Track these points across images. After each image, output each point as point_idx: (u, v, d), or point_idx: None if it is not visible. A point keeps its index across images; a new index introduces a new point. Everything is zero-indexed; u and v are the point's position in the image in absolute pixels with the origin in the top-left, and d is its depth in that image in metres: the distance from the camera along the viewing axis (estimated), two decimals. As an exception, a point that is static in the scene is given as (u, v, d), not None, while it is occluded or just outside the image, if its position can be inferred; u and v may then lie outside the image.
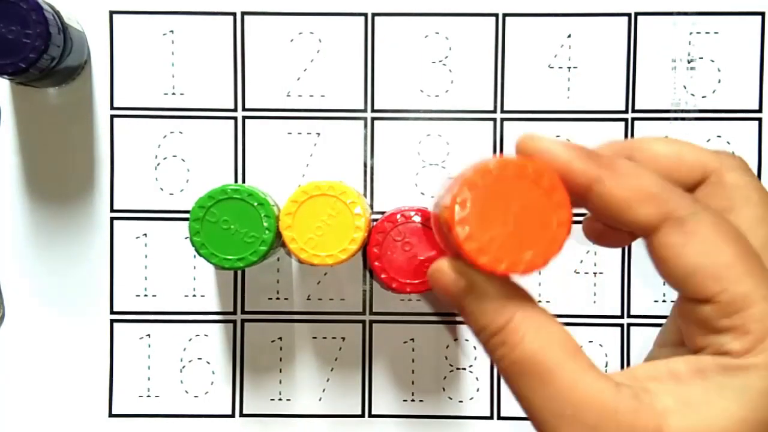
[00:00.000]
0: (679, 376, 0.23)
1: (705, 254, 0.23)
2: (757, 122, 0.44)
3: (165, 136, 0.44)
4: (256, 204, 0.36)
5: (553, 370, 0.23)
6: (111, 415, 0.44)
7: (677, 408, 0.22)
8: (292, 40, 0.44)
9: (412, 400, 0.45)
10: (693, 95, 0.44)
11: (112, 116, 0.44)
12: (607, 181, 0.24)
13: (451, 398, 0.45)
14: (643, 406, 0.22)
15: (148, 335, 0.44)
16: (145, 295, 0.44)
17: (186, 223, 0.37)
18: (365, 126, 0.44)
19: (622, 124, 0.44)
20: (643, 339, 0.44)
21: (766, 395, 0.22)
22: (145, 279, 0.44)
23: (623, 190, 0.24)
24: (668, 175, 0.26)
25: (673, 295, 0.44)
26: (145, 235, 0.44)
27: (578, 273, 0.44)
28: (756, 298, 0.22)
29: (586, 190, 0.24)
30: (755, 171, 0.44)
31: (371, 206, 0.44)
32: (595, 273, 0.44)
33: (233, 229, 0.36)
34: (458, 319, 0.44)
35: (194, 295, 0.44)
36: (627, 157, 0.25)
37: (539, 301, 0.44)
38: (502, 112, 0.44)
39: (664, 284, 0.44)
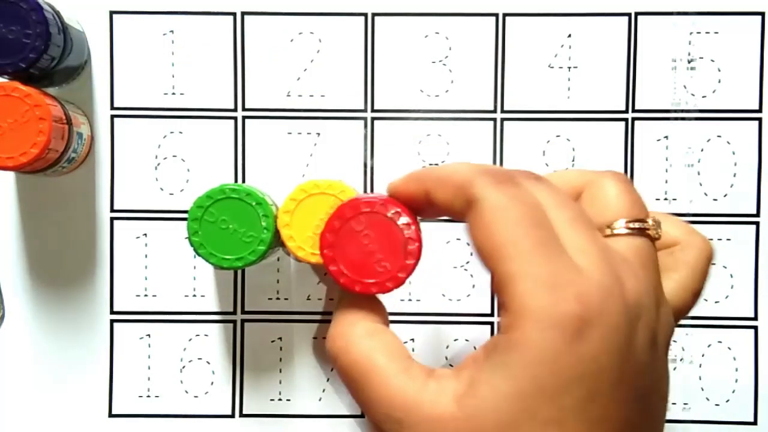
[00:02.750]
0: (477, 360, 0.25)
1: (483, 234, 0.25)
2: (757, 122, 0.44)
3: (165, 136, 0.44)
4: (254, 203, 0.36)
5: (372, 372, 0.26)
6: (111, 415, 0.44)
7: (468, 391, 0.24)
8: (292, 40, 0.44)
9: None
10: (693, 95, 0.44)
11: (112, 116, 0.44)
12: (432, 190, 0.28)
13: (451, 398, 0.45)
14: (443, 396, 0.25)
15: (148, 335, 0.44)
16: (145, 295, 0.44)
17: (186, 223, 0.37)
18: (365, 126, 0.44)
19: (622, 124, 0.44)
20: (643, 339, 0.44)
21: (525, 368, 0.23)
22: (145, 279, 0.44)
23: (443, 191, 0.27)
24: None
25: (673, 295, 0.44)
26: (145, 235, 0.44)
27: (578, 273, 0.44)
28: (517, 277, 0.24)
29: (428, 203, 0.28)
30: (755, 171, 0.44)
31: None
32: (595, 273, 0.44)
33: (232, 228, 0.36)
34: (452, 319, 0.45)
35: (194, 295, 0.44)
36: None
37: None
38: (502, 112, 0.44)
39: (664, 284, 0.44)
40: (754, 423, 0.44)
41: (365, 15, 0.44)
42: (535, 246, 0.24)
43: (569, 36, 0.44)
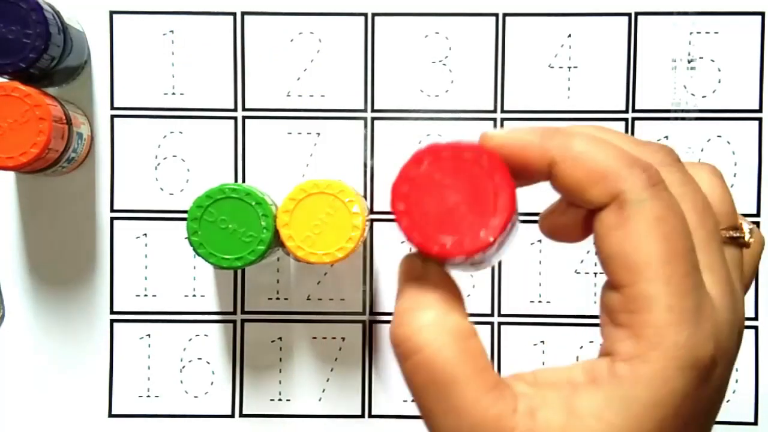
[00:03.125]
0: (575, 384, 0.22)
1: (630, 243, 0.22)
2: (757, 122, 0.44)
3: (165, 136, 0.44)
4: (254, 203, 0.36)
5: (459, 385, 0.22)
6: (111, 415, 0.44)
7: (570, 422, 0.21)
8: (292, 40, 0.44)
9: (412, 400, 0.45)
10: (693, 95, 0.44)
11: (112, 116, 0.44)
12: (561, 163, 0.23)
13: (451, 398, 0.45)
14: (537, 425, 0.21)
15: (148, 335, 0.44)
16: (145, 295, 0.44)
17: (186, 222, 0.37)
18: (365, 126, 0.44)
19: (623, 123, 0.44)
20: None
21: (651, 407, 0.21)
22: (145, 279, 0.44)
23: (577, 171, 0.23)
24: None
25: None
26: (145, 235, 0.44)
27: (578, 273, 0.44)
28: (660, 304, 0.21)
29: (546, 173, 0.23)
30: (755, 171, 0.44)
31: (371, 206, 0.44)
32: (595, 273, 0.44)
33: (231, 228, 0.36)
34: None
35: (194, 295, 0.44)
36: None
37: (540, 301, 0.44)
38: (502, 112, 0.44)
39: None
40: (755, 423, 0.44)
41: (365, 15, 0.44)
42: (684, 272, 0.22)
43: (569, 36, 0.44)
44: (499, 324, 0.44)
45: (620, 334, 0.22)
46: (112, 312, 0.44)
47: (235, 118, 0.44)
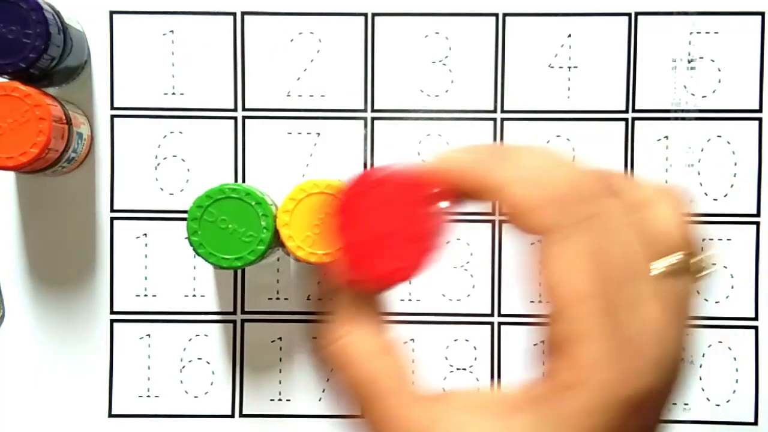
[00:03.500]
0: (516, 403, 0.23)
1: (560, 275, 0.23)
2: (757, 122, 0.44)
3: (165, 136, 0.44)
4: (253, 203, 0.36)
5: (383, 397, 0.24)
6: (111, 415, 0.44)
7: None
8: (292, 40, 0.44)
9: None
10: (693, 95, 0.44)
11: (112, 116, 0.44)
12: (504, 188, 0.23)
13: (451, 398, 0.45)
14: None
15: (148, 335, 0.44)
16: (145, 295, 0.44)
17: (186, 223, 0.37)
18: (365, 126, 0.44)
19: (623, 123, 0.44)
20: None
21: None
22: (145, 279, 0.44)
23: (516, 199, 0.23)
24: None
25: (673, 295, 0.44)
26: (145, 235, 0.44)
27: (578, 273, 0.44)
28: (588, 339, 0.22)
29: (492, 196, 0.24)
30: (755, 171, 0.44)
31: (371, 206, 0.44)
32: (595, 273, 0.44)
33: (231, 228, 0.36)
34: (452, 319, 0.44)
35: (194, 295, 0.44)
36: None
37: (540, 301, 0.44)
38: (502, 112, 0.44)
39: (664, 284, 0.44)
40: (755, 423, 0.44)
41: (365, 15, 0.44)
42: (610, 308, 0.22)
43: (569, 36, 0.44)
44: (499, 324, 0.44)
45: (557, 362, 0.23)
46: (112, 312, 0.44)
47: (235, 118, 0.44)
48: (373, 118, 0.44)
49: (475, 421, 0.23)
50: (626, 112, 0.44)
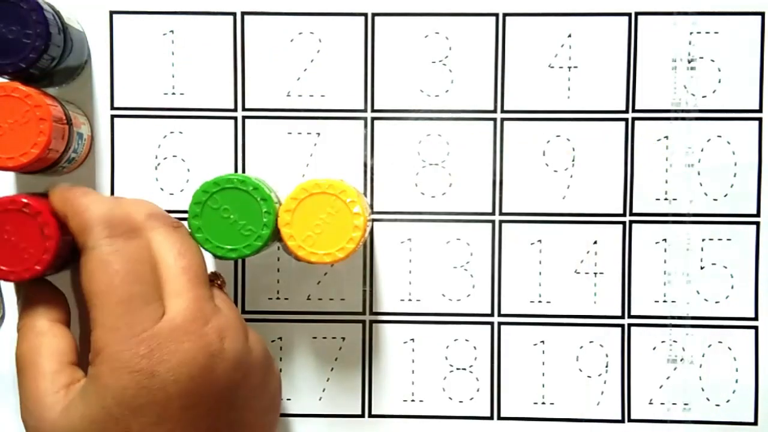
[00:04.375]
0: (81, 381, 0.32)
1: (87, 281, 0.31)
2: (757, 122, 0.44)
3: (165, 136, 0.44)
4: (259, 199, 0.36)
5: (31, 366, 0.32)
6: (111, 415, 0.44)
7: (66, 408, 0.31)
8: (292, 40, 0.44)
9: (412, 400, 0.45)
10: (693, 95, 0.44)
11: (112, 116, 0.44)
12: (69, 219, 0.34)
13: (451, 398, 0.45)
14: (57, 405, 0.31)
15: (148, 335, 0.44)
16: (145, 295, 0.44)
17: (186, 222, 0.37)
18: (365, 126, 0.44)
19: (623, 123, 0.44)
20: (643, 339, 0.44)
21: (99, 398, 0.30)
22: (145, 279, 0.44)
23: (72, 224, 0.34)
24: None
25: (674, 294, 0.44)
26: (145, 235, 0.44)
27: (578, 273, 0.44)
28: (102, 324, 0.31)
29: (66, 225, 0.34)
30: (755, 171, 0.44)
31: (371, 206, 0.44)
32: (595, 273, 0.44)
33: (232, 219, 0.36)
34: (452, 319, 0.45)
35: (194, 295, 0.44)
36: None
37: (540, 301, 0.44)
38: (502, 112, 0.44)
39: (665, 284, 0.44)
40: (755, 423, 0.44)
41: (365, 15, 0.44)
42: (121, 300, 0.30)
43: (569, 36, 0.44)
44: (499, 324, 0.45)
45: (91, 345, 0.31)
46: (112, 312, 0.44)
47: (235, 118, 0.44)
48: (373, 118, 0.44)
49: (64, 394, 0.32)
50: (626, 112, 0.44)
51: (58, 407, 0.31)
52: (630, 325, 0.44)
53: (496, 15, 0.44)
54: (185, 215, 0.36)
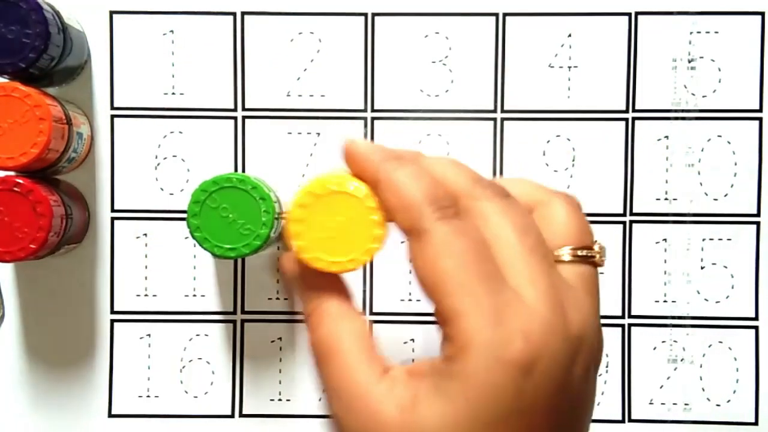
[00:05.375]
0: (425, 373, 0.26)
1: (427, 266, 0.26)
2: (757, 122, 0.44)
3: (165, 136, 0.44)
4: (258, 198, 0.36)
5: (336, 354, 0.27)
6: (111, 415, 0.44)
7: (410, 406, 0.25)
8: (292, 40, 0.44)
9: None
10: (693, 95, 0.44)
11: (112, 116, 0.44)
12: (381, 185, 0.27)
13: (451, 398, 0.45)
14: (390, 400, 0.25)
15: (148, 335, 0.44)
16: (145, 295, 0.44)
17: (185, 222, 0.37)
18: (365, 126, 0.44)
19: (623, 123, 0.44)
20: (644, 339, 0.44)
21: (468, 399, 0.24)
22: (145, 279, 0.44)
23: (391, 199, 0.27)
24: None
25: (674, 294, 0.44)
26: (145, 235, 0.44)
27: (578, 273, 0.44)
28: (463, 311, 0.25)
29: (375, 183, 0.27)
30: (755, 171, 0.44)
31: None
32: (595, 273, 0.44)
33: (231, 218, 0.36)
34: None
35: (194, 295, 0.44)
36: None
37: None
38: (503, 111, 0.44)
39: (665, 284, 0.44)
40: (755, 423, 0.44)
41: (365, 15, 0.44)
42: (478, 281, 0.25)
43: (569, 36, 0.44)
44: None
45: (443, 340, 0.25)
46: (112, 312, 0.44)
47: (235, 118, 0.44)
48: (373, 118, 0.44)
49: (398, 384, 0.26)
50: (626, 112, 0.44)
51: (389, 403, 0.25)
52: (630, 325, 0.44)
53: (496, 15, 0.44)
54: (185, 215, 0.36)
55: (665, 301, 0.44)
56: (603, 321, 0.44)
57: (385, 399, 0.25)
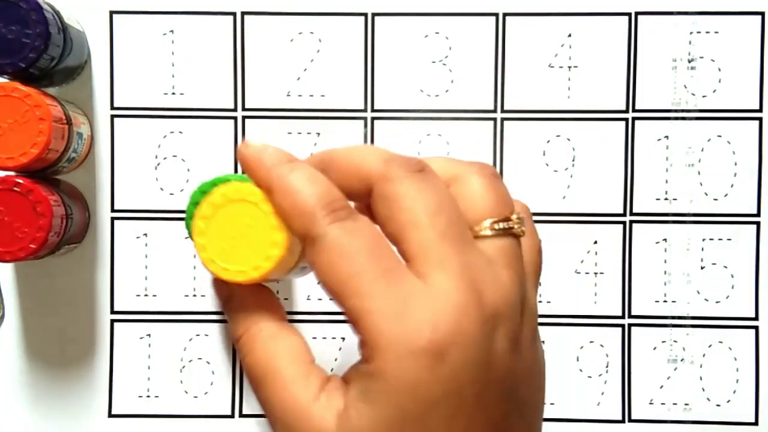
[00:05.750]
0: (349, 379, 0.26)
1: (327, 272, 0.25)
2: (757, 122, 0.44)
3: (165, 136, 0.44)
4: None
5: (273, 376, 0.27)
6: (111, 415, 0.44)
7: (343, 413, 0.25)
8: (292, 40, 0.44)
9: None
10: (693, 95, 0.44)
11: (112, 116, 0.44)
12: (273, 190, 0.27)
13: (451, 398, 0.45)
14: (329, 412, 0.25)
15: (148, 335, 0.44)
16: (145, 295, 0.44)
17: (183, 222, 0.37)
18: (365, 126, 0.44)
19: (623, 123, 0.44)
20: (644, 339, 0.44)
21: (390, 396, 0.24)
22: (145, 279, 0.44)
23: (284, 205, 0.26)
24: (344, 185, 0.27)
25: (674, 294, 0.44)
26: (146, 235, 0.44)
27: (578, 273, 0.44)
28: (366, 310, 0.24)
29: (268, 192, 0.27)
30: (755, 171, 0.44)
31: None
32: (595, 273, 0.44)
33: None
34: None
35: (194, 295, 0.44)
36: (323, 169, 0.27)
37: (540, 301, 0.44)
38: (503, 111, 0.44)
39: (665, 284, 0.44)
40: (755, 423, 0.44)
41: (365, 15, 0.44)
42: (376, 278, 0.25)
43: (569, 36, 0.44)
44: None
45: (358, 343, 0.25)
46: (112, 312, 0.44)
47: (235, 118, 0.44)
48: (373, 118, 0.44)
49: (329, 397, 0.26)
50: (626, 112, 0.44)
51: (329, 416, 0.25)
52: (630, 325, 0.44)
53: (496, 15, 0.44)
54: (184, 215, 0.36)
55: (665, 301, 0.44)
56: (601, 321, 0.44)
57: (326, 412, 0.25)
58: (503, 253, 0.27)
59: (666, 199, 0.44)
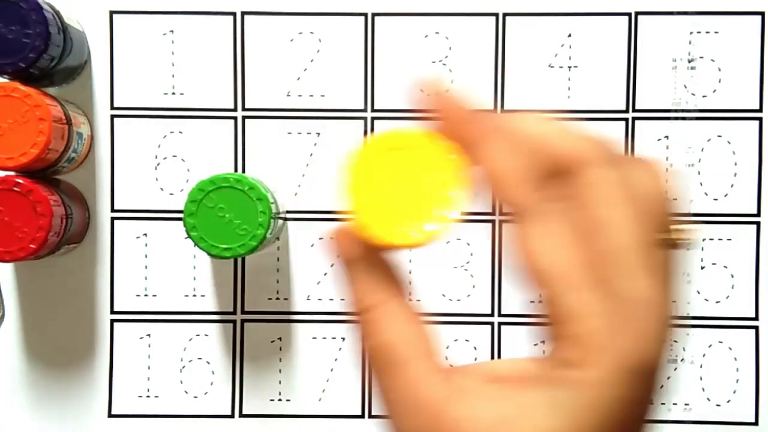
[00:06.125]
0: (521, 379, 0.23)
1: (545, 255, 0.22)
2: (757, 122, 0.44)
3: (165, 136, 0.44)
4: (255, 198, 0.36)
5: (404, 366, 0.24)
6: (110, 415, 0.44)
7: (500, 418, 0.22)
8: (292, 40, 0.44)
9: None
10: (693, 95, 0.44)
11: (112, 116, 0.44)
12: (480, 152, 0.24)
13: (451, 398, 0.45)
14: (469, 414, 0.22)
15: (148, 335, 0.44)
16: (145, 295, 0.44)
17: (182, 221, 0.37)
18: (365, 126, 0.44)
19: (623, 123, 0.44)
20: (644, 339, 0.44)
21: (596, 412, 0.21)
22: (145, 279, 0.44)
23: (500, 167, 0.23)
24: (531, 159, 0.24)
25: (675, 294, 0.44)
26: (145, 235, 0.44)
27: (578, 273, 0.44)
28: (591, 310, 0.21)
29: (470, 149, 0.24)
30: (755, 171, 0.44)
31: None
32: (595, 273, 0.44)
33: (228, 218, 0.36)
34: (452, 319, 0.44)
35: (194, 295, 0.44)
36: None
37: (540, 301, 0.44)
38: (503, 111, 0.44)
39: (664, 284, 0.44)
40: (755, 423, 0.44)
41: (365, 15, 0.44)
42: (603, 279, 0.22)
43: (569, 36, 0.44)
44: (499, 324, 0.44)
45: (560, 343, 0.22)
46: (112, 312, 0.44)
47: (235, 118, 0.44)
48: (373, 118, 0.44)
49: (489, 395, 0.22)
50: (626, 111, 0.44)
51: (484, 418, 0.22)
52: (630, 325, 0.44)
53: (496, 15, 0.44)
54: (183, 214, 0.36)
55: (665, 301, 0.44)
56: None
57: (462, 420, 0.22)
58: (670, 266, 0.24)
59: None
